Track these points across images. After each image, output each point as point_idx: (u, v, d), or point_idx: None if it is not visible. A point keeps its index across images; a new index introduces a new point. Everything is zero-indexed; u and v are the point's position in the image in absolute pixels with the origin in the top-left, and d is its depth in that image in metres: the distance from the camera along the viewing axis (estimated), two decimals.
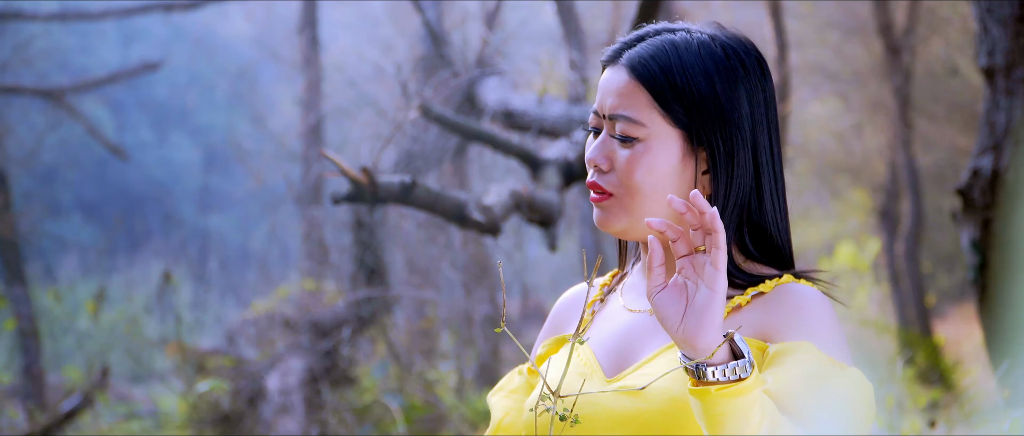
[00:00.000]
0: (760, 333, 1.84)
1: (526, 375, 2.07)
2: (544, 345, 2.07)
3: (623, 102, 1.90)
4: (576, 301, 2.10)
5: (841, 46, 13.39)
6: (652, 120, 1.89)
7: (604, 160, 1.91)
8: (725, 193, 1.90)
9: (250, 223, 18.34)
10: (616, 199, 1.90)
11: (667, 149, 1.89)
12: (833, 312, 1.86)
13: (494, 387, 2.09)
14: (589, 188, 1.93)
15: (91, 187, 20.21)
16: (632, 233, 1.91)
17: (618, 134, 1.90)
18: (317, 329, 7.39)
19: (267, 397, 7.16)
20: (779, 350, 1.79)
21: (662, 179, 1.89)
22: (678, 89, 1.89)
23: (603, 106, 1.92)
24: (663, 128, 1.89)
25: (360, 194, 4.59)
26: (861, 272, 14.94)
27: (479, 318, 9.06)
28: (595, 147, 1.91)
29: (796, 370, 1.75)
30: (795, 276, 1.91)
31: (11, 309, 8.97)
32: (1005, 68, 3.91)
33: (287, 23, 13.51)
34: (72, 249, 16.88)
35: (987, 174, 3.93)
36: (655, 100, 1.89)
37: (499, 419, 2.02)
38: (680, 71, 1.90)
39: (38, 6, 11.77)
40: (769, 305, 1.86)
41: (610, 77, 1.93)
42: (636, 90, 1.90)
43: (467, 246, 8.72)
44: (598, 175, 1.91)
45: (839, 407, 1.75)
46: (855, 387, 1.77)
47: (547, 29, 9.28)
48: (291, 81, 14.19)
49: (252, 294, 10.19)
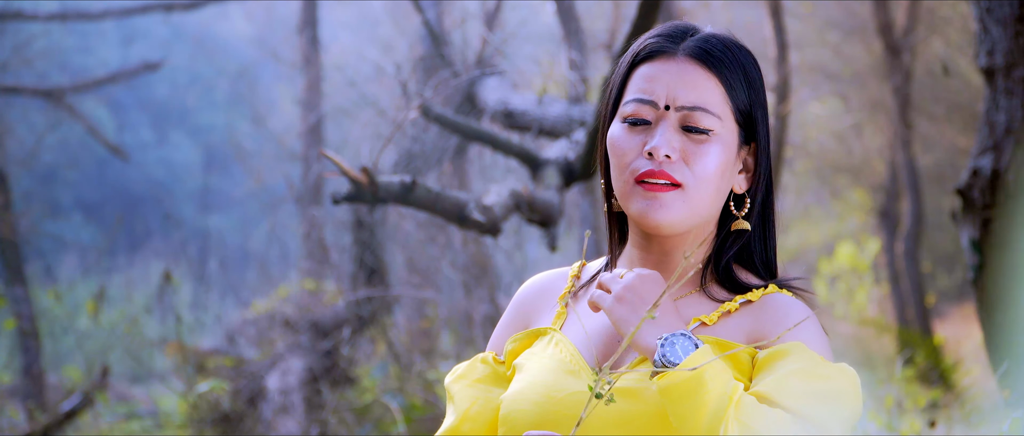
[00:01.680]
0: (750, 339, 1.87)
1: (491, 364, 2.03)
2: (515, 339, 2.02)
3: (700, 94, 1.89)
4: (544, 291, 2.06)
5: (841, 46, 13.39)
6: (725, 114, 1.90)
7: (674, 151, 1.88)
8: (755, 191, 1.95)
9: (250, 223, 18.34)
10: (683, 191, 1.88)
11: (731, 144, 1.91)
12: (817, 322, 1.89)
13: (453, 371, 2.04)
14: (644, 179, 1.89)
15: (91, 187, 20.21)
16: (680, 226, 1.90)
17: (692, 126, 1.89)
18: (317, 329, 7.39)
19: (267, 397, 7.16)
20: (770, 353, 1.82)
21: (724, 174, 1.90)
22: (747, 85, 1.91)
23: (671, 98, 1.89)
24: (730, 123, 1.91)
25: (360, 194, 4.59)
26: (861, 272, 14.94)
27: (479, 318, 9.06)
28: (661, 137, 1.88)
29: (789, 366, 1.79)
30: (778, 286, 1.93)
31: (11, 309, 8.97)
32: (1005, 68, 3.91)
33: (287, 23, 13.51)
34: (72, 249, 16.87)
35: (987, 174, 3.93)
36: (728, 94, 1.90)
37: (466, 409, 1.98)
38: (751, 68, 1.93)
39: (38, 6, 11.77)
40: (757, 313, 1.89)
41: (675, 68, 1.91)
42: (710, 82, 1.90)
43: (467, 246, 8.72)
44: (666, 165, 1.88)
45: (831, 397, 1.78)
46: (845, 378, 1.81)
47: (547, 29, 9.28)
48: (291, 81, 14.19)
49: (252, 294, 10.19)
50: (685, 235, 1.92)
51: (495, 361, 2.03)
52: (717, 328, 1.88)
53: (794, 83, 12.34)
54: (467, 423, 1.97)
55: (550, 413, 1.87)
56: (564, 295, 2.03)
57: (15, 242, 8.98)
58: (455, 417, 1.98)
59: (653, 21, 4.85)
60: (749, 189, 1.95)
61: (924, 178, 13.79)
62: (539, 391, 1.90)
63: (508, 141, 6.06)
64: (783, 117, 10.99)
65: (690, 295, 1.94)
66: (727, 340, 1.85)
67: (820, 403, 1.77)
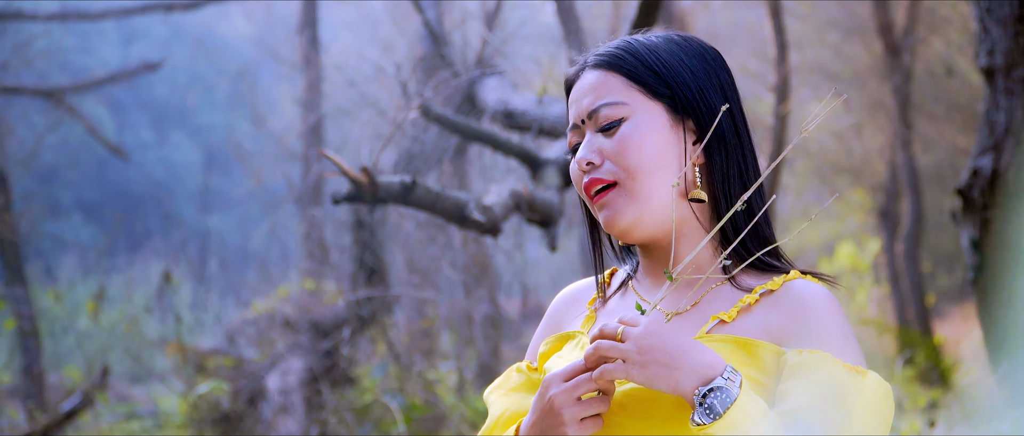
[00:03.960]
0: (773, 336, 1.85)
1: (526, 372, 2.06)
2: (546, 342, 2.06)
3: (598, 93, 1.91)
4: (576, 298, 2.09)
5: (841, 46, 13.38)
6: (632, 97, 1.90)
7: (595, 154, 1.90)
8: (723, 162, 1.91)
9: (250, 223, 18.34)
10: (619, 187, 1.89)
11: (653, 121, 1.89)
12: (841, 311, 1.87)
13: (491, 385, 2.08)
14: (586, 190, 1.91)
15: (91, 187, 20.21)
16: (644, 223, 1.90)
17: (602, 125, 1.90)
18: (317, 329, 7.39)
19: (267, 397, 7.16)
20: (797, 362, 1.80)
21: (656, 153, 1.89)
22: (648, 63, 1.91)
23: (580, 111, 1.93)
24: (644, 102, 1.90)
25: (360, 194, 4.59)
26: (861, 272, 14.94)
27: (479, 318, 9.06)
28: (583, 147, 1.91)
29: (816, 388, 1.76)
30: (801, 273, 1.92)
31: (11, 309, 8.97)
32: (1005, 68, 3.91)
33: (287, 23, 13.52)
34: (72, 249, 16.88)
35: (987, 174, 3.93)
36: (629, 79, 1.91)
37: (498, 415, 2.01)
38: (645, 50, 1.92)
39: (38, 6, 11.77)
40: (779, 304, 1.87)
41: (578, 86, 1.95)
42: (607, 77, 1.92)
43: (467, 246, 8.72)
44: (594, 171, 1.90)
45: (860, 419, 1.76)
46: (874, 394, 1.79)
47: (547, 29, 9.27)
48: (291, 81, 14.19)
49: (252, 294, 10.18)
50: (674, 230, 1.89)
51: (529, 369, 2.06)
52: (735, 326, 1.87)
53: (794, 83, 12.35)
54: (499, 428, 2.00)
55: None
56: (593, 300, 2.05)
57: (15, 242, 8.98)
58: (489, 424, 2.01)
59: (653, 21, 4.85)
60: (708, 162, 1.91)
61: (924, 178, 13.80)
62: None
63: (508, 141, 6.06)
64: (783, 117, 10.99)
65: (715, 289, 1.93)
66: (746, 338, 1.84)
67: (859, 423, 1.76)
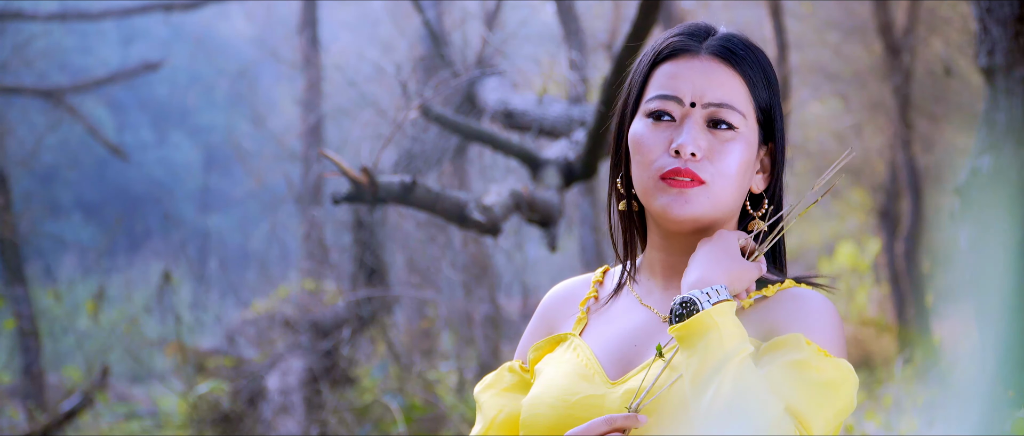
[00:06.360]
0: (763, 334, 1.86)
1: (519, 372, 2.05)
2: (537, 346, 2.04)
3: (726, 91, 1.90)
4: (568, 297, 2.08)
5: (841, 46, 13.38)
6: (748, 112, 1.91)
7: (701, 149, 1.89)
8: (772, 192, 1.98)
9: (250, 223, 18.34)
10: (707, 188, 1.89)
11: (752, 143, 1.92)
12: (836, 316, 1.89)
13: (482, 382, 2.07)
14: (669, 176, 1.89)
15: (91, 187, 20.21)
16: (702, 221, 1.91)
17: (719, 122, 1.90)
18: (317, 329, 7.39)
19: (267, 397, 7.16)
20: (771, 343, 1.83)
21: (745, 172, 1.92)
22: (768, 86, 1.93)
23: (699, 94, 1.90)
24: (752, 122, 1.92)
25: (360, 194, 4.60)
26: (861, 272, 14.94)
27: (479, 318, 9.05)
28: (689, 134, 1.88)
29: (785, 356, 1.80)
30: (796, 281, 1.94)
31: (11, 309, 8.96)
32: (1005, 68, 3.90)
33: (287, 23, 13.51)
34: (72, 249, 16.87)
35: (987, 174, 3.92)
36: (749, 91, 1.92)
37: (492, 417, 2.00)
38: (769, 68, 1.94)
39: (38, 6, 11.77)
40: (772, 309, 1.89)
41: (700, 66, 1.92)
42: (737, 82, 1.91)
43: (467, 246, 8.72)
44: (692, 163, 1.89)
45: (821, 389, 1.78)
46: (838, 372, 1.81)
47: (547, 29, 9.27)
48: (291, 81, 14.19)
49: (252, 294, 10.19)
50: (703, 234, 1.92)
51: (521, 369, 2.05)
52: None
53: (794, 83, 12.35)
54: (493, 430, 2.00)
55: (564, 417, 1.89)
56: (585, 301, 2.04)
57: (15, 242, 8.97)
58: (482, 425, 2.01)
59: (653, 21, 4.85)
60: (766, 189, 1.97)
61: (924, 178, 13.79)
62: (554, 395, 1.92)
63: (508, 141, 6.07)
64: (783, 117, 10.98)
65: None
66: None
67: (809, 394, 1.77)
